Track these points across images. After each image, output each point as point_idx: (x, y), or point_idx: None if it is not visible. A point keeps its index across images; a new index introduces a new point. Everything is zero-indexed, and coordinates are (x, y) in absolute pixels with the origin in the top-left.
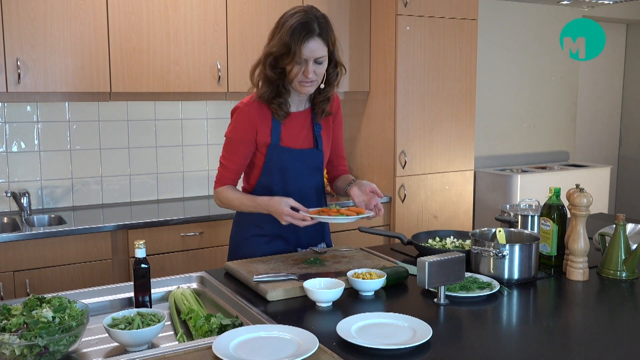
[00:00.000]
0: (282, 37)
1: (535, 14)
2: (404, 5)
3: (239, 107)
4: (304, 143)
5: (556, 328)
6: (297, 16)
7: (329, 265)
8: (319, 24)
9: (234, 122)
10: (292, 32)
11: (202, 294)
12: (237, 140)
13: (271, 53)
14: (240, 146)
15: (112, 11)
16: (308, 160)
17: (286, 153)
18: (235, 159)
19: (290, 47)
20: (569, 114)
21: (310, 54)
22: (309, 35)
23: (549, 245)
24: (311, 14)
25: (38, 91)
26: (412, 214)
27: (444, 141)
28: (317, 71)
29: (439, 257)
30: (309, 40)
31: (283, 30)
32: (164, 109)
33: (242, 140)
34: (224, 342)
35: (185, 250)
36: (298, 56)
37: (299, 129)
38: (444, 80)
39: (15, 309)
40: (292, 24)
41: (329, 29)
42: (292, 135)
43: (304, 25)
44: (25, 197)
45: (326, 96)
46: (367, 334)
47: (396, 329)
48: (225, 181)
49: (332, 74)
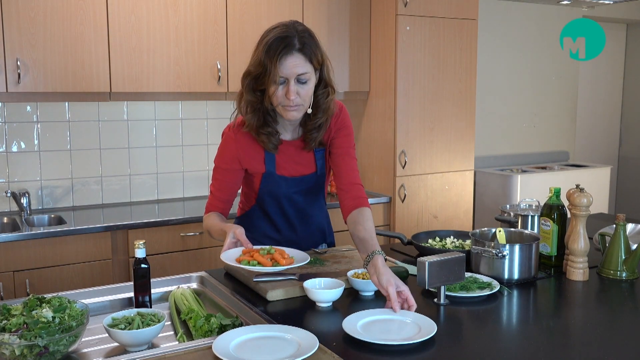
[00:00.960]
0: (258, 54)
1: (535, 14)
2: (404, 5)
3: (225, 133)
4: (303, 169)
5: (556, 328)
6: (275, 31)
7: (329, 265)
8: (300, 38)
9: (220, 149)
10: (267, 48)
11: (202, 294)
12: (222, 169)
13: (249, 73)
14: (227, 174)
15: (112, 11)
16: (307, 186)
17: (282, 182)
18: (222, 187)
19: (266, 65)
20: (569, 114)
21: (288, 71)
22: (287, 50)
23: (549, 245)
24: (292, 28)
25: (38, 91)
26: (412, 214)
27: (444, 141)
28: (301, 92)
29: (439, 257)
30: (286, 56)
31: (260, 47)
32: (164, 109)
33: (227, 168)
34: (224, 342)
35: (185, 250)
36: (274, 74)
37: (295, 156)
38: (444, 80)
39: (15, 309)
40: (268, 39)
41: (313, 45)
42: (288, 163)
43: (281, 39)
44: (25, 197)
45: (316, 124)
46: (372, 330)
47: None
48: (212, 209)
49: (320, 97)
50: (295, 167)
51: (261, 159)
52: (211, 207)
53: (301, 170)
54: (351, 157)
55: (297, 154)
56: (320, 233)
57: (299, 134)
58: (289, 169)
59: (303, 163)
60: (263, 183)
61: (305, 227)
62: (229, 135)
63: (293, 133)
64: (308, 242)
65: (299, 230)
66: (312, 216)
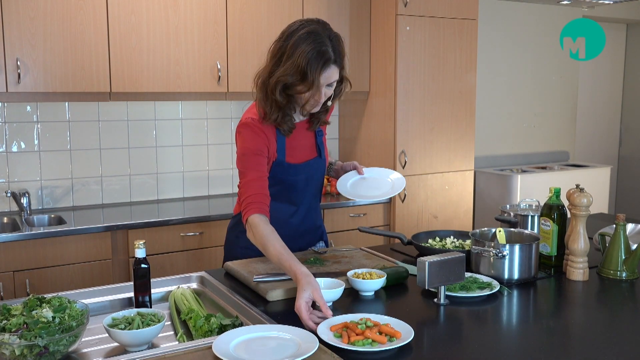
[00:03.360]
0: (297, 64)
1: (535, 14)
2: (404, 5)
3: (247, 123)
4: (308, 154)
5: (556, 328)
6: (310, 40)
7: (329, 265)
8: (334, 48)
9: (244, 137)
10: (308, 61)
11: (202, 294)
12: (253, 153)
13: (282, 81)
14: (259, 158)
15: (112, 11)
16: (312, 171)
17: (291, 169)
18: (263, 171)
19: (307, 76)
20: (569, 114)
21: (325, 81)
22: (327, 64)
23: (549, 245)
24: (324, 37)
25: (38, 91)
26: (412, 214)
27: (444, 141)
28: (328, 93)
29: (439, 257)
30: (326, 68)
31: (297, 57)
32: (164, 109)
33: (258, 151)
34: (224, 342)
35: (185, 250)
36: (314, 84)
37: (302, 140)
38: (444, 81)
39: (15, 309)
40: (307, 51)
41: (343, 52)
42: (296, 149)
43: (321, 54)
44: (25, 197)
45: (326, 107)
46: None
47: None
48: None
49: (337, 90)
50: (302, 153)
51: (275, 147)
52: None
53: (307, 155)
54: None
55: (304, 136)
56: (317, 230)
57: (306, 115)
58: (297, 155)
59: (308, 146)
60: (273, 171)
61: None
62: (252, 124)
63: (298, 115)
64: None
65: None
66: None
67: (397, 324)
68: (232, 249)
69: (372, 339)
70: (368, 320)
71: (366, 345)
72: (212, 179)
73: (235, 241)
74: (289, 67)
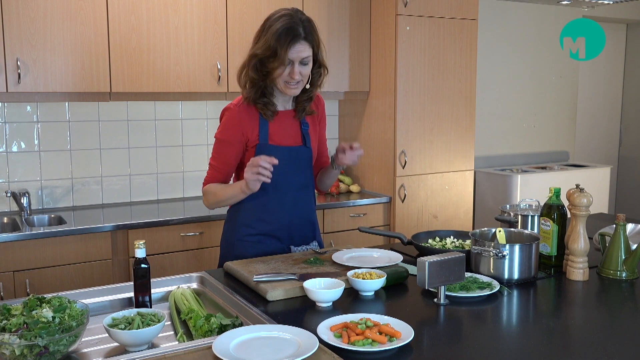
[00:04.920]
0: (268, 41)
1: (535, 14)
2: (404, 5)
3: (229, 108)
4: (293, 141)
5: (556, 328)
6: (282, 20)
7: (329, 265)
8: (304, 28)
9: (223, 124)
10: (278, 36)
11: (202, 294)
12: (226, 142)
13: (256, 55)
14: (230, 147)
15: (112, 11)
16: (297, 157)
17: (274, 150)
18: (225, 160)
19: (277, 51)
20: (569, 114)
21: (295, 55)
22: (295, 38)
23: (549, 245)
24: (296, 17)
25: (38, 91)
26: (412, 214)
27: (444, 141)
28: (303, 72)
29: (439, 257)
30: (294, 43)
31: (269, 34)
32: (164, 109)
33: (231, 141)
34: (224, 342)
35: (185, 250)
36: (284, 58)
37: (287, 127)
38: (444, 81)
39: (15, 309)
40: (277, 28)
41: (314, 32)
42: (280, 134)
43: (289, 29)
44: (25, 197)
45: (309, 95)
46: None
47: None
48: (213, 182)
49: (315, 75)
50: (286, 138)
51: (257, 131)
52: (211, 180)
53: (291, 142)
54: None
55: (289, 124)
56: (310, 225)
57: (291, 106)
58: (280, 139)
59: (292, 134)
60: (257, 153)
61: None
62: (232, 110)
63: (285, 104)
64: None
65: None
66: (303, 200)
67: (397, 324)
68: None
69: (372, 339)
70: (368, 320)
71: (366, 345)
72: None
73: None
74: (261, 43)
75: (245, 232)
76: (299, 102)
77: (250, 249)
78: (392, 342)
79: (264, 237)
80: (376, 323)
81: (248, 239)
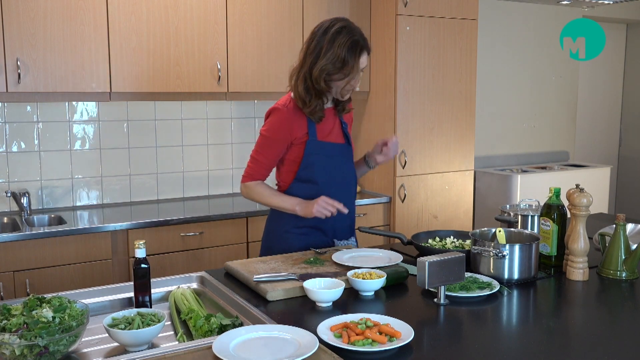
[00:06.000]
0: (337, 54)
1: (535, 14)
2: (404, 5)
3: (277, 108)
4: (336, 138)
5: (556, 328)
6: (345, 33)
7: (329, 265)
8: (364, 39)
9: (271, 122)
10: (347, 50)
11: (202, 294)
12: (273, 139)
13: (325, 70)
14: (276, 145)
15: (112, 11)
16: (341, 153)
17: (323, 147)
18: (269, 156)
19: (348, 63)
20: (569, 114)
21: (361, 65)
22: (362, 51)
23: (549, 245)
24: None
25: (38, 91)
26: (412, 214)
27: (444, 141)
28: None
29: (439, 257)
30: (361, 55)
31: (336, 48)
32: (164, 109)
33: (278, 139)
34: (224, 342)
35: (185, 250)
36: (355, 71)
37: (330, 125)
38: (444, 80)
39: (15, 309)
40: (345, 42)
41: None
42: (325, 132)
43: (356, 43)
44: (25, 197)
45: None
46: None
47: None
48: (257, 176)
49: None
50: (330, 135)
51: (305, 129)
52: (254, 174)
53: (334, 138)
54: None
55: (332, 123)
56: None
57: (331, 103)
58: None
59: (335, 132)
60: (307, 150)
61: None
62: (282, 110)
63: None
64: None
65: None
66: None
67: (397, 324)
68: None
69: (372, 339)
70: (368, 320)
71: (366, 345)
72: (212, 179)
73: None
74: (330, 57)
75: (293, 224)
76: (340, 102)
77: (297, 241)
78: (392, 342)
79: (310, 229)
80: (376, 323)
81: (295, 231)
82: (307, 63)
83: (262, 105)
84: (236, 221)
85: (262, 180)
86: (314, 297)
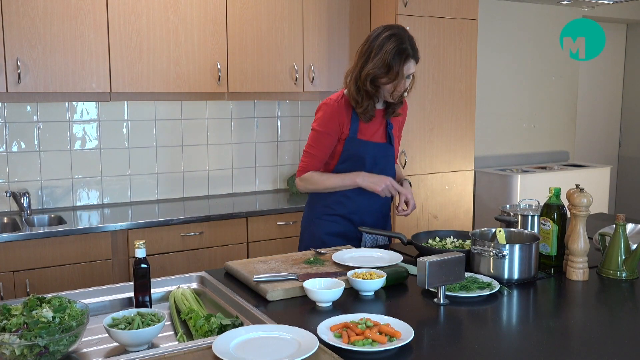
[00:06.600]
0: (384, 59)
1: (535, 14)
2: (404, 5)
3: (327, 104)
4: (379, 138)
5: (556, 328)
6: (393, 40)
7: (329, 265)
8: (411, 46)
9: (322, 117)
10: (393, 56)
11: (202, 294)
12: (325, 133)
13: (369, 74)
14: (328, 138)
15: (112, 11)
16: (381, 152)
17: (362, 145)
18: (322, 149)
19: (391, 68)
20: (569, 114)
21: (407, 72)
22: (407, 58)
23: (549, 245)
24: (405, 37)
25: (38, 91)
26: (412, 214)
27: (444, 141)
28: (407, 84)
29: (439, 257)
30: (407, 62)
31: (383, 54)
32: (164, 109)
33: (330, 132)
34: (224, 342)
35: (185, 250)
36: (401, 75)
37: (375, 125)
38: (444, 80)
39: (15, 309)
40: (391, 48)
41: (417, 49)
42: (368, 130)
43: (402, 50)
44: (25, 197)
45: (400, 100)
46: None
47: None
48: (311, 169)
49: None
50: (373, 135)
51: (349, 126)
52: (311, 168)
53: (376, 138)
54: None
55: (378, 123)
56: (382, 217)
57: (382, 105)
58: (368, 135)
59: (379, 132)
60: (346, 146)
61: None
62: (332, 105)
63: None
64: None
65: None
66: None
67: (397, 324)
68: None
69: (372, 339)
70: (368, 320)
71: (366, 345)
72: (212, 179)
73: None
74: (377, 62)
75: (325, 212)
76: (391, 105)
77: (326, 227)
78: (392, 342)
79: (340, 217)
80: (376, 323)
81: (326, 218)
82: (359, 65)
83: (262, 105)
84: (236, 221)
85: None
86: (314, 297)
